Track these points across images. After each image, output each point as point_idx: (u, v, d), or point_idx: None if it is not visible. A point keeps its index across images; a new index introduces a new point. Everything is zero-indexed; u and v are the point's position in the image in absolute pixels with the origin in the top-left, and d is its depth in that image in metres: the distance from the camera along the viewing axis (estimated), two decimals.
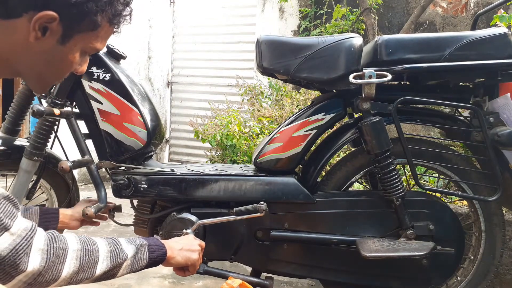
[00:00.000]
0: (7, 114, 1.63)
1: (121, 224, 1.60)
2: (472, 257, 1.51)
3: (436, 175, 1.74)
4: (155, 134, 1.56)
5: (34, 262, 0.74)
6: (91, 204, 1.39)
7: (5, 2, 0.72)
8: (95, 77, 1.49)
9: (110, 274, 0.88)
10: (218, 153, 3.01)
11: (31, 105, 1.39)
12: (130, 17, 0.87)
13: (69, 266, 0.79)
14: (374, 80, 1.31)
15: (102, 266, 0.85)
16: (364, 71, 1.32)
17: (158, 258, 0.99)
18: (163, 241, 1.02)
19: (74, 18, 0.75)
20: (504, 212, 1.57)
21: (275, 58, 1.42)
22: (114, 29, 0.86)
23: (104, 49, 0.90)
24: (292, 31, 4.18)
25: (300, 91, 3.35)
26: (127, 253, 0.90)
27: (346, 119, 1.60)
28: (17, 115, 1.62)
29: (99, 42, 0.83)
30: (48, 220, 1.23)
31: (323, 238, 1.42)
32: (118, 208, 1.53)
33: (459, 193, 1.43)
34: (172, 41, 4.88)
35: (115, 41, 1.58)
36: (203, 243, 1.16)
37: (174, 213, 1.42)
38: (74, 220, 1.33)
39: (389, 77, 1.30)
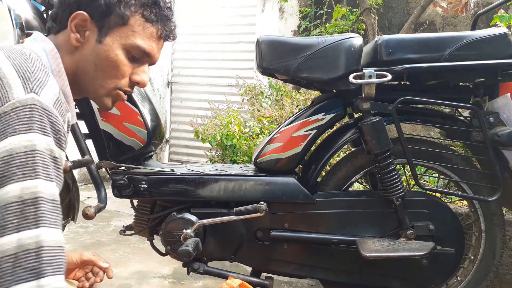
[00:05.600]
0: None
1: (124, 234, 1.58)
2: (472, 257, 1.51)
3: (436, 175, 1.74)
4: (155, 134, 1.56)
5: None
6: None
7: (56, 18, 0.82)
8: None
9: None
10: (218, 153, 3.01)
11: None
12: (168, 10, 0.87)
13: None
14: (374, 80, 1.31)
15: None
16: (364, 71, 1.32)
17: None
18: None
19: (101, 13, 0.81)
20: (504, 212, 1.57)
21: (275, 58, 1.42)
22: (160, 30, 0.86)
23: (149, 63, 0.89)
24: (292, 31, 4.18)
25: (300, 91, 3.35)
26: None
27: (346, 119, 1.60)
28: None
29: (139, 39, 0.84)
30: None
31: (323, 238, 1.42)
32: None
33: (459, 193, 1.43)
34: (172, 41, 4.87)
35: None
36: None
37: (174, 213, 1.42)
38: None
39: (389, 77, 1.30)
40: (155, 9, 0.85)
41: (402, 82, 1.42)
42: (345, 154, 1.96)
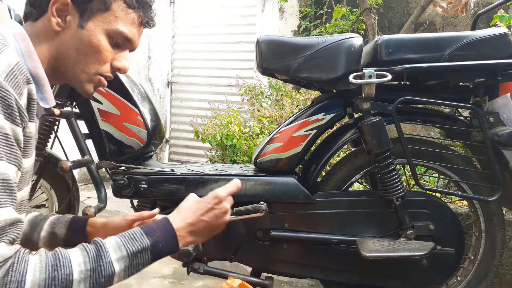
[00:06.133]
0: None
1: None
2: (472, 257, 1.51)
3: (436, 175, 1.74)
4: (155, 134, 1.56)
5: None
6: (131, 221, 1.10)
7: (35, 2, 0.80)
8: None
9: None
10: (218, 153, 3.01)
11: None
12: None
13: None
14: (374, 80, 1.31)
15: None
16: (364, 71, 1.32)
17: (166, 254, 0.82)
18: (177, 226, 0.83)
19: None
20: (504, 212, 1.57)
21: (275, 58, 1.42)
22: (140, 17, 0.87)
23: (129, 49, 0.90)
24: (292, 31, 4.18)
25: (300, 91, 3.35)
26: (115, 268, 0.74)
27: (346, 119, 1.60)
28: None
29: (121, 25, 0.84)
30: (75, 233, 1.05)
31: (323, 238, 1.42)
32: None
33: (459, 193, 1.43)
34: (172, 41, 4.87)
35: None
36: (230, 204, 0.93)
37: None
38: (104, 234, 1.03)
39: (389, 77, 1.30)
40: None
41: (402, 82, 1.43)
42: (345, 154, 1.97)
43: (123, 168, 1.52)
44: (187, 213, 0.86)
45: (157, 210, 1.07)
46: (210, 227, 0.88)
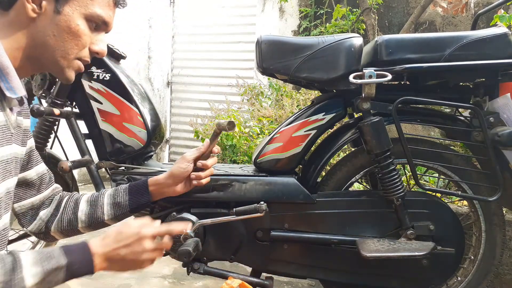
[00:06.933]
0: None
1: None
2: (472, 257, 1.51)
3: (436, 175, 1.74)
4: (155, 134, 1.56)
5: None
6: (191, 159, 1.18)
7: None
8: (95, 77, 1.49)
9: None
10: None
11: (31, 105, 1.39)
12: None
13: None
14: (374, 80, 1.31)
15: None
16: (364, 71, 1.31)
17: (80, 275, 0.83)
18: (95, 251, 0.84)
19: None
20: (504, 212, 1.57)
21: (275, 58, 1.42)
22: None
23: (105, 31, 0.90)
24: (292, 31, 4.18)
25: (300, 91, 3.35)
26: (26, 282, 0.74)
27: (346, 119, 1.60)
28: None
29: (98, 7, 0.84)
30: (137, 197, 1.12)
31: (323, 238, 1.41)
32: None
33: (459, 193, 1.43)
34: (172, 41, 4.88)
35: (115, 41, 1.58)
36: (162, 245, 0.93)
37: (174, 213, 1.42)
38: (169, 187, 1.16)
39: (389, 77, 1.30)
40: None
41: (402, 82, 1.42)
42: (345, 154, 1.96)
43: (123, 168, 1.52)
44: (108, 241, 0.87)
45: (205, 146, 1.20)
46: (128, 261, 0.88)
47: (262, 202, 1.30)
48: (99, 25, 0.87)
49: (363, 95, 1.34)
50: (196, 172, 1.19)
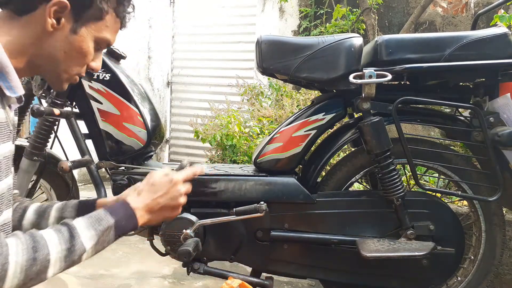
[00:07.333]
0: None
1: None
2: (472, 257, 1.51)
3: (436, 175, 1.74)
4: (155, 134, 1.56)
5: None
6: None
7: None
8: (95, 77, 1.49)
9: (65, 269, 0.80)
10: (218, 153, 3.01)
11: (31, 105, 1.39)
12: (133, 9, 0.94)
13: (11, 282, 0.70)
14: (374, 80, 1.31)
15: (54, 269, 0.77)
16: (364, 71, 1.32)
17: (127, 231, 0.90)
18: (135, 206, 0.91)
19: (82, 5, 0.82)
20: (504, 212, 1.57)
21: (275, 58, 1.42)
22: (121, 23, 0.91)
23: (104, 49, 0.95)
24: (292, 31, 4.18)
25: (300, 91, 3.35)
26: (85, 246, 0.82)
27: (346, 119, 1.60)
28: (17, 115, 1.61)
29: (109, 33, 0.89)
30: (84, 214, 1.16)
31: (323, 238, 1.41)
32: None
33: (459, 193, 1.43)
34: (172, 41, 4.87)
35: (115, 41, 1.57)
36: (188, 189, 1.02)
37: None
38: None
39: (389, 77, 1.30)
40: (125, 6, 0.90)
41: (402, 82, 1.42)
42: (345, 154, 1.96)
43: (123, 168, 1.52)
44: (145, 195, 0.95)
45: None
46: (165, 209, 0.97)
47: (262, 202, 1.30)
48: (104, 46, 0.92)
49: (363, 95, 1.34)
50: None
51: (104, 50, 0.99)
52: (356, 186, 2.04)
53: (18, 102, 0.86)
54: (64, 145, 1.64)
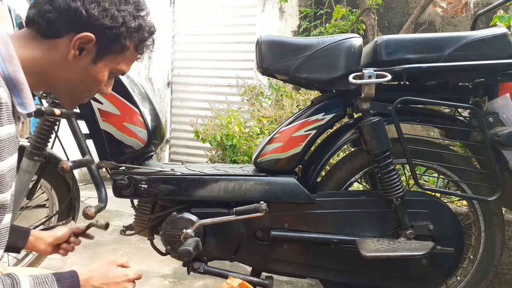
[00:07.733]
0: None
1: (125, 234, 1.59)
2: (471, 256, 1.51)
3: (436, 175, 1.74)
4: (155, 134, 1.56)
5: None
6: (71, 231, 1.26)
7: (52, 24, 0.82)
8: None
9: None
10: (218, 153, 3.01)
11: None
12: (153, 45, 0.98)
13: None
14: (373, 80, 1.31)
15: None
16: (363, 71, 1.32)
17: None
18: (83, 282, 0.91)
19: (107, 40, 0.85)
20: (503, 212, 1.58)
21: (275, 59, 1.42)
22: (138, 56, 0.95)
23: None
24: (292, 31, 4.18)
25: (300, 91, 3.35)
26: None
27: (346, 119, 1.61)
28: None
29: (125, 65, 0.93)
30: (17, 238, 1.16)
31: (323, 238, 1.42)
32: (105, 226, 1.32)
33: (459, 193, 1.44)
34: (172, 41, 4.88)
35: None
36: (136, 275, 1.01)
37: (174, 213, 1.43)
38: (44, 244, 1.21)
39: (389, 77, 1.31)
40: (146, 45, 0.95)
41: (402, 82, 1.43)
42: (345, 154, 1.97)
43: (124, 168, 1.52)
44: (96, 276, 0.94)
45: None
46: None
47: (262, 202, 1.31)
48: (117, 74, 0.95)
49: (363, 95, 1.34)
50: (67, 243, 1.26)
51: None
52: (356, 186, 2.04)
53: (27, 116, 0.88)
54: (65, 145, 1.64)
